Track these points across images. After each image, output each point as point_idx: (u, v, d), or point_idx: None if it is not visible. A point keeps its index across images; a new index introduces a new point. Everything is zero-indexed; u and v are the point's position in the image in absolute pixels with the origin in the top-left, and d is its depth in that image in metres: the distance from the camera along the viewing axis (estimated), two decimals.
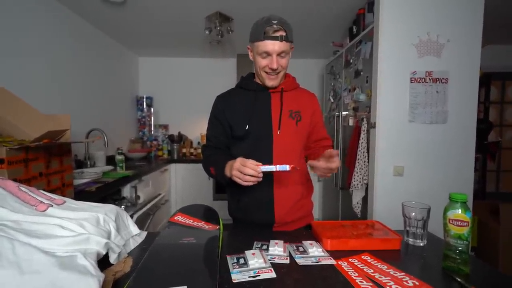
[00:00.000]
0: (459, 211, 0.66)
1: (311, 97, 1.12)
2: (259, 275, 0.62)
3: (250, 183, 0.86)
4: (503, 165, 3.16)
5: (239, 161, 0.86)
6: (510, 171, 3.16)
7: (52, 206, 0.66)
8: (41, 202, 0.66)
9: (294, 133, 1.04)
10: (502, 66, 3.04)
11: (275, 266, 0.67)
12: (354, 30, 2.24)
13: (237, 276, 0.62)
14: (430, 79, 1.77)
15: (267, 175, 1.01)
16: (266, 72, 0.98)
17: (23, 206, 0.63)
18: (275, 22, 0.91)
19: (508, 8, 2.18)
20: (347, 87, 2.34)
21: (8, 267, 0.45)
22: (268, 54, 0.94)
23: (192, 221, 0.86)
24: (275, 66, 0.94)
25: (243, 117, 1.03)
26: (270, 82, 1.00)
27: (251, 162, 0.85)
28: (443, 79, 1.77)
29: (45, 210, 0.64)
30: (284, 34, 0.92)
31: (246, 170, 0.84)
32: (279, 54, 0.94)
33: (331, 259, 0.71)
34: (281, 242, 0.79)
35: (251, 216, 1.04)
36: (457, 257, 0.66)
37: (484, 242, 2.28)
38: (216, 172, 0.99)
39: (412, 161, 1.80)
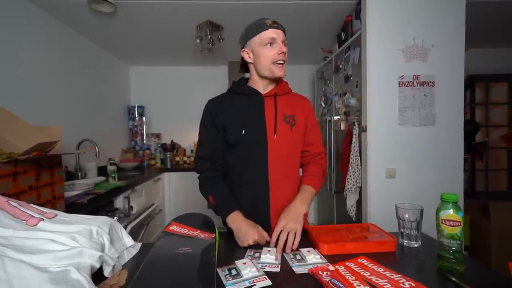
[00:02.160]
0: (451, 211, 0.67)
1: (304, 102, 1.11)
2: (255, 284, 0.62)
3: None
4: (491, 164, 3.24)
5: (257, 236, 0.88)
6: (497, 170, 3.24)
7: (43, 220, 0.65)
8: (32, 216, 0.65)
9: (288, 138, 1.03)
10: (485, 69, 3.15)
11: (269, 273, 0.66)
12: (343, 36, 2.29)
13: None
14: (417, 83, 1.81)
15: (263, 181, 1.01)
16: (274, 63, 0.97)
17: (13, 221, 0.62)
18: (271, 18, 0.97)
19: (488, 14, 2.27)
20: (338, 92, 2.38)
21: None
22: (274, 40, 0.95)
23: (187, 230, 0.85)
24: (285, 49, 0.96)
25: (237, 122, 1.02)
26: (280, 72, 0.99)
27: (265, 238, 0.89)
28: (430, 82, 1.81)
29: (36, 225, 0.63)
30: (281, 26, 0.98)
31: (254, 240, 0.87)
32: (282, 42, 0.97)
33: (329, 265, 0.71)
34: (273, 250, 0.79)
35: None
36: (451, 257, 0.67)
37: (476, 241, 2.32)
38: (215, 206, 1.00)
39: (403, 163, 1.83)
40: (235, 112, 1.03)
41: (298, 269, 0.70)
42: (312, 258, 0.74)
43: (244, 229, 0.90)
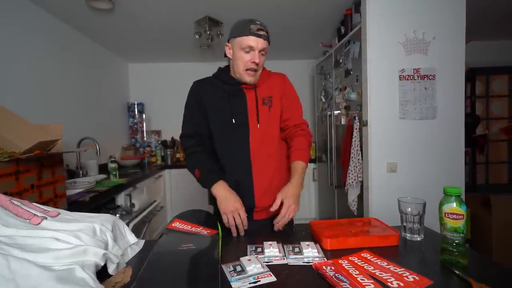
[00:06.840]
0: (454, 204, 0.67)
1: (280, 81, 1.13)
2: (259, 281, 0.62)
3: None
4: (491, 157, 3.24)
5: (239, 209, 0.95)
6: (497, 163, 3.24)
7: (46, 218, 0.65)
8: (35, 215, 0.65)
9: (267, 120, 1.07)
10: (486, 62, 3.13)
11: (274, 269, 0.67)
12: (342, 30, 2.27)
13: (237, 284, 0.61)
14: (418, 76, 1.80)
15: (245, 161, 1.05)
16: (246, 70, 1.01)
17: (16, 220, 0.62)
18: (258, 22, 0.99)
19: (488, 6, 2.24)
20: (338, 87, 2.37)
21: (4, 284, 0.44)
22: (251, 49, 0.99)
23: (190, 227, 0.85)
24: (257, 60, 0.99)
25: (219, 109, 1.07)
26: (249, 78, 1.03)
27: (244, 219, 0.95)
28: (431, 75, 1.80)
29: (39, 223, 0.63)
30: (265, 34, 1.00)
31: (237, 220, 0.94)
32: (260, 51, 1.00)
33: (324, 259, 0.71)
34: (274, 243, 0.79)
35: None
36: (454, 250, 0.67)
37: (477, 234, 2.32)
38: (200, 179, 1.04)
39: (404, 157, 1.83)
40: (217, 98, 1.08)
41: (292, 261, 0.71)
42: (309, 252, 0.74)
43: (228, 197, 0.97)
